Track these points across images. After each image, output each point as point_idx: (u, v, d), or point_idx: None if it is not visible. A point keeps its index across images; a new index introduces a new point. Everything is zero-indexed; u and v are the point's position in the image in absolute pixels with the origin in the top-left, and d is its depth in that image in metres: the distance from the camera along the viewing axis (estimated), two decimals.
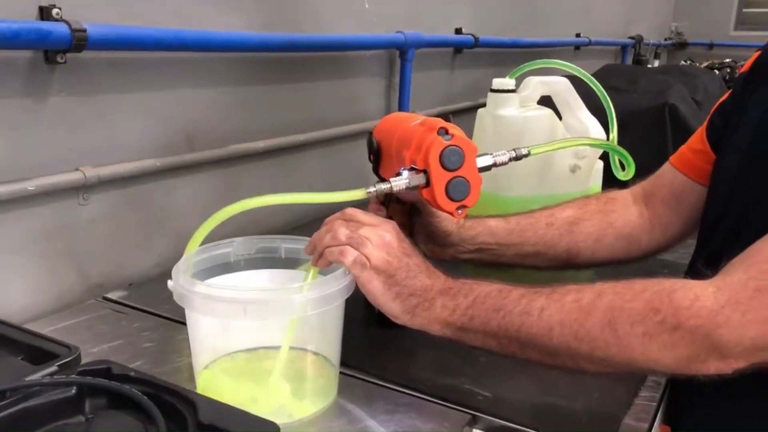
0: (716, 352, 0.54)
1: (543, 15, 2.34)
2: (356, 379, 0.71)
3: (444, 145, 0.66)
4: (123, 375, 0.58)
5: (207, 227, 0.64)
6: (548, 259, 0.86)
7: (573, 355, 0.59)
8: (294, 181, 1.23)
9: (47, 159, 0.83)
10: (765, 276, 0.53)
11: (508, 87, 1.00)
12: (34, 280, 0.85)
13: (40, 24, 0.75)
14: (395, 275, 0.64)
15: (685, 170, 0.83)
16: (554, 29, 2.44)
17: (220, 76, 1.05)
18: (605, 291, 0.59)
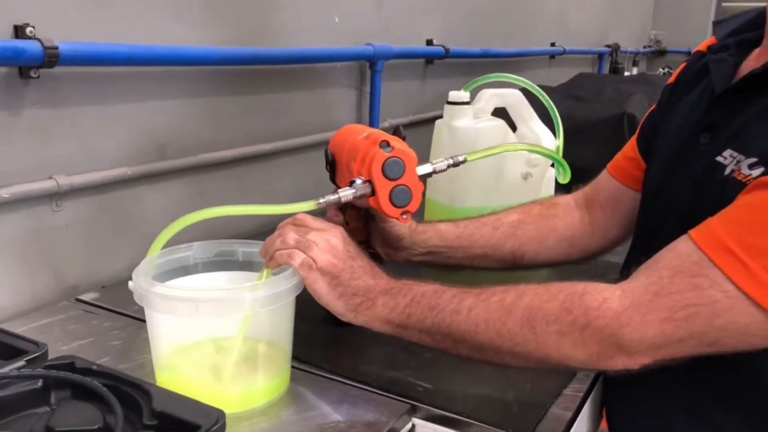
0: (621, 349, 0.60)
1: (517, 25, 2.40)
2: (309, 373, 0.76)
3: (385, 157, 0.71)
4: (86, 369, 0.63)
5: (166, 234, 0.69)
6: (495, 261, 0.91)
7: (497, 350, 0.65)
8: (263, 188, 1.28)
9: (22, 168, 0.88)
10: (664, 282, 0.59)
11: (463, 99, 1.06)
12: (9, 283, 0.90)
13: (14, 42, 0.80)
14: (340, 276, 0.69)
15: (619, 177, 0.89)
16: (529, 39, 2.50)
17: (191, 88, 1.11)
18: (526, 292, 0.64)
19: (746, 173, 0.61)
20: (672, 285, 0.58)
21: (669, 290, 0.58)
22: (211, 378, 0.68)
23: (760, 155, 0.60)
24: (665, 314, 0.58)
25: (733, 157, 0.63)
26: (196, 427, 0.56)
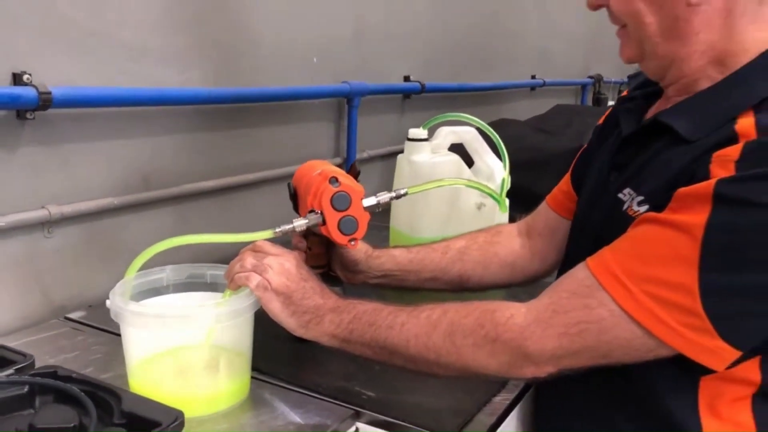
0: (527, 359, 0.69)
1: (498, 59, 2.52)
2: (269, 383, 0.85)
3: (333, 191, 0.82)
4: (67, 376, 0.73)
5: (140, 259, 0.79)
6: (444, 283, 1.01)
7: (426, 361, 0.74)
8: (243, 216, 1.38)
9: (17, 198, 0.98)
10: (562, 302, 0.68)
11: (421, 136, 1.17)
12: (3, 302, 0.99)
13: (12, 89, 0.91)
14: (292, 296, 0.79)
15: (555, 208, 0.99)
16: (510, 72, 2.62)
17: (174, 125, 1.21)
18: (449, 309, 0.74)
19: (636, 209, 0.71)
20: (568, 304, 0.68)
21: (565, 309, 0.67)
22: (178, 383, 0.77)
23: (647, 194, 0.70)
24: (562, 329, 0.67)
25: (630, 194, 0.73)
26: (158, 424, 0.65)
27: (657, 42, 0.74)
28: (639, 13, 0.73)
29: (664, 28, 0.73)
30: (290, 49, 1.44)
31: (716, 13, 0.71)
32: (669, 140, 0.71)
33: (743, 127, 0.63)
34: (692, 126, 0.69)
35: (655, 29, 0.73)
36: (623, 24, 0.77)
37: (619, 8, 0.75)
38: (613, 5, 0.76)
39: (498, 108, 2.55)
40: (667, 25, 0.73)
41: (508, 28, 2.56)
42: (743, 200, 0.60)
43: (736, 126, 0.64)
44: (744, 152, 0.61)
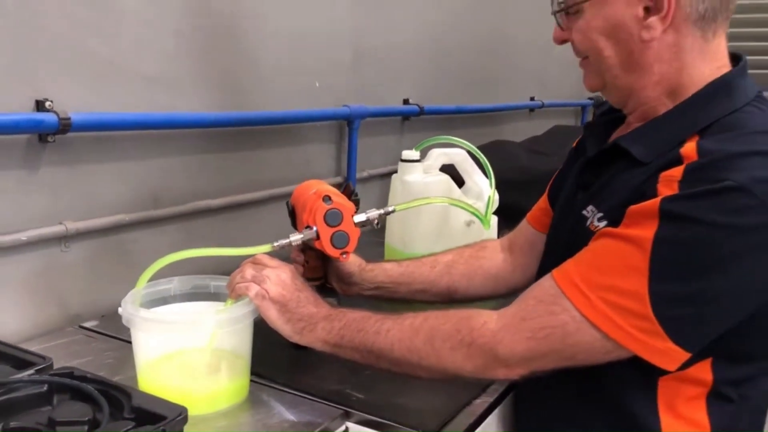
0: (499, 361, 0.76)
1: (496, 82, 2.60)
2: (265, 386, 0.92)
3: (326, 209, 0.89)
4: (82, 376, 0.80)
5: (150, 271, 0.87)
6: (432, 295, 1.08)
7: (409, 364, 0.81)
8: (245, 233, 1.46)
9: (37, 215, 1.06)
10: (529, 309, 0.75)
11: (414, 158, 1.24)
12: (23, 311, 1.07)
13: (35, 115, 1.00)
14: (287, 305, 0.86)
15: (534, 224, 1.06)
16: (509, 94, 2.70)
17: (183, 147, 1.30)
18: (430, 316, 0.81)
19: (596, 225, 0.78)
20: (534, 311, 0.75)
21: (532, 315, 0.74)
22: (183, 382, 0.84)
23: (606, 211, 0.77)
24: (529, 334, 0.74)
25: (592, 211, 0.80)
26: (164, 418, 0.72)
27: (616, 74, 0.82)
28: (599, 47, 0.81)
29: (621, 61, 0.81)
30: (293, 74, 1.53)
31: (667, 48, 0.78)
32: (627, 162, 0.79)
33: (687, 151, 0.71)
34: (646, 150, 0.76)
35: (614, 62, 0.81)
36: (585, 56, 0.85)
37: (581, 43, 0.83)
38: (575, 40, 0.84)
39: (497, 129, 2.63)
40: (624, 59, 0.81)
41: (507, 51, 2.65)
42: (685, 216, 0.67)
43: (681, 150, 0.72)
44: (685, 173, 0.68)
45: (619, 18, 0.79)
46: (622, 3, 0.78)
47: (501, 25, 2.56)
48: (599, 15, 0.80)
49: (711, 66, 0.79)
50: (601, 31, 0.80)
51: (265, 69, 1.45)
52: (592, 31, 0.81)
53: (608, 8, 0.79)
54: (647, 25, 0.77)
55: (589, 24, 0.81)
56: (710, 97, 0.76)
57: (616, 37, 0.80)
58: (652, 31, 0.77)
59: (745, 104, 0.75)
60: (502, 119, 2.70)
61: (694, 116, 0.75)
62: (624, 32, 0.79)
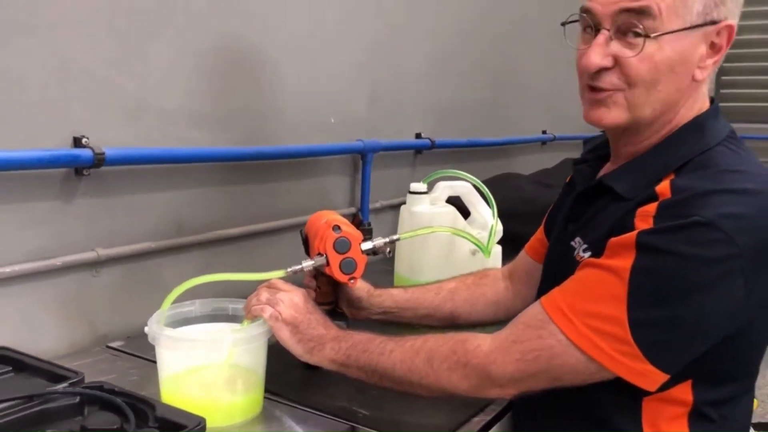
0: (492, 381, 0.82)
1: (508, 116, 2.68)
2: (278, 402, 0.99)
3: (335, 237, 0.97)
4: (111, 390, 0.87)
5: (173, 294, 0.95)
6: (437, 320, 1.15)
7: (410, 383, 0.87)
8: (263, 260, 1.54)
9: (71, 242, 1.15)
10: (520, 333, 0.82)
11: (421, 190, 1.32)
12: (55, 332, 1.15)
13: (72, 151, 1.09)
14: (299, 326, 0.93)
15: (531, 254, 1.13)
16: (521, 127, 2.78)
17: (206, 179, 1.39)
18: (429, 338, 0.88)
19: (582, 255, 0.85)
20: (524, 335, 0.81)
21: (521, 339, 0.81)
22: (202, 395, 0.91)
23: (591, 243, 0.84)
24: (519, 356, 0.80)
25: (579, 243, 0.87)
26: (184, 427, 0.79)
27: (655, 108, 0.82)
28: (658, 80, 0.79)
29: (667, 96, 0.81)
30: (310, 110, 1.62)
31: (697, 89, 0.83)
32: (611, 198, 0.85)
33: (661, 188, 0.78)
34: (628, 186, 0.83)
35: (662, 96, 0.81)
36: (619, 88, 0.81)
37: (642, 72, 0.78)
38: (634, 67, 0.78)
39: (509, 162, 2.70)
40: (670, 95, 0.81)
41: (519, 85, 2.73)
42: (658, 248, 0.73)
43: (657, 187, 0.78)
44: (659, 209, 0.75)
45: (690, 54, 0.79)
46: (698, 39, 0.79)
47: (512, 59, 2.65)
48: (677, 46, 0.78)
49: (697, 108, 0.85)
50: (671, 63, 0.79)
51: (283, 106, 1.55)
52: (664, 63, 0.78)
53: (686, 42, 0.78)
54: (703, 66, 0.81)
55: (664, 54, 0.78)
56: (683, 138, 0.83)
57: (677, 72, 0.79)
58: (704, 72, 0.81)
59: (716, 144, 0.82)
60: (514, 152, 2.77)
61: (669, 156, 0.82)
62: (685, 68, 0.80)
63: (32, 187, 1.08)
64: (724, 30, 0.80)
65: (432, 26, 2.08)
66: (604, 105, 0.83)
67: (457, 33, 2.23)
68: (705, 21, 0.79)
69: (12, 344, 1.00)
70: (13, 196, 1.06)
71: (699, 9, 0.78)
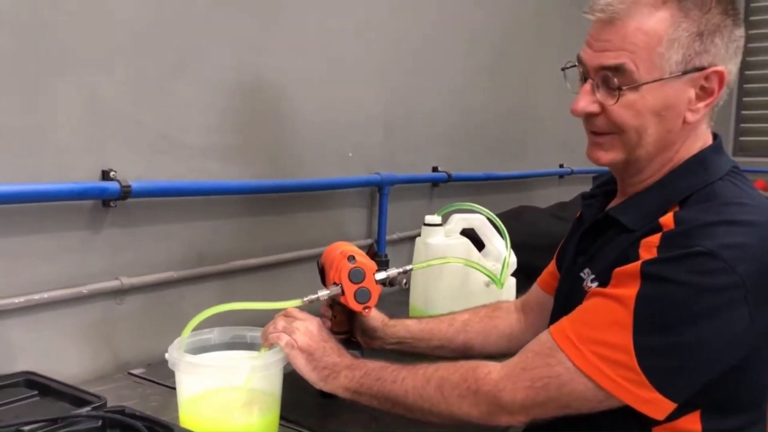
0: (502, 408, 0.84)
1: (524, 149, 2.72)
2: (295, 430, 1.01)
3: (350, 267, 1.00)
4: (132, 414, 0.90)
5: (193, 322, 0.98)
6: (450, 351, 1.16)
7: (421, 410, 0.89)
8: (281, 290, 1.57)
9: (97, 271, 1.19)
10: (529, 360, 0.84)
11: (436, 222, 1.35)
12: (79, 358, 1.19)
13: (100, 183, 1.14)
14: (314, 354, 0.96)
15: (543, 287, 1.14)
16: (538, 161, 2.81)
17: (227, 211, 1.43)
18: (441, 366, 0.90)
19: (590, 285, 0.87)
20: (533, 363, 0.83)
21: (531, 366, 0.83)
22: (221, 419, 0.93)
23: (598, 273, 0.86)
24: (528, 383, 0.82)
25: (588, 274, 0.89)
26: None
27: (649, 150, 0.86)
28: (645, 125, 0.83)
29: (659, 139, 0.85)
30: (328, 144, 1.67)
31: (692, 130, 0.87)
32: (618, 230, 0.88)
33: (665, 220, 0.80)
34: (633, 219, 0.86)
35: (652, 140, 0.85)
36: (611, 132, 0.86)
37: (625, 118, 0.83)
38: (616, 115, 0.83)
39: (526, 195, 2.72)
40: (661, 137, 0.85)
41: (536, 119, 2.76)
42: (662, 277, 0.75)
43: (661, 219, 0.81)
44: (662, 239, 0.77)
45: (675, 99, 0.83)
46: (683, 86, 0.83)
47: (529, 93, 2.69)
48: (659, 94, 0.82)
49: (699, 145, 0.88)
50: (654, 109, 0.83)
51: (302, 140, 1.60)
52: (646, 109, 0.82)
53: (669, 89, 0.82)
54: (694, 109, 0.84)
55: (645, 101, 0.82)
56: (687, 172, 0.85)
57: (664, 116, 0.83)
58: (696, 115, 0.84)
59: (719, 178, 0.84)
60: (531, 185, 2.80)
61: (673, 189, 0.84)
62: (673, 112, 0.83)
63: (62, 217, 1.13)
64: (713, 75, 0.83)
65: (449, 61, 2.14)
66: (602, 147, 0.89)
67: (474, 68, 2.28)
68: (687, 69, 0.82)
69: (38, 369, 1.04)
70: (44, 226, 1.11)
71: (678, 59, 0.82)
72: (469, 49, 2.24)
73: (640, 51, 0.81)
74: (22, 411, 0.95)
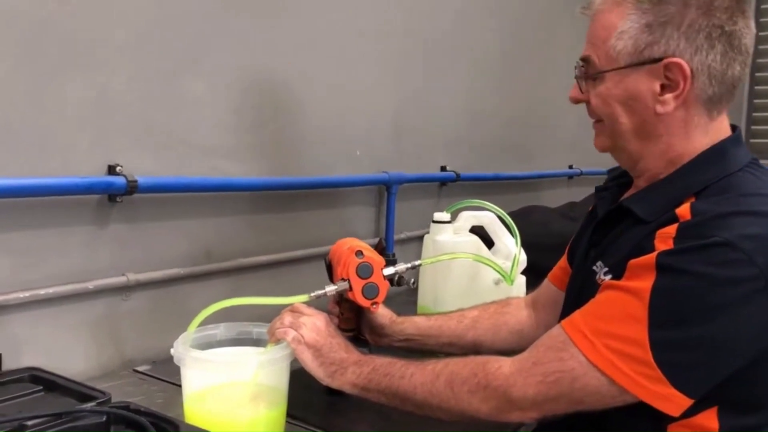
0: (513, 404, 0.82)
1: (533, 150, 2.70)
2: (301, 427, 0.99)
3: (358, 263, 0.98)
4: (136, 409, 0.89)
5: (200, 317, 0.96)
6: (459, 348, 1.14)
7: (430, 406, 0.87)
8: (289, 287, 1.54)
9: (103, 266, 1.18)
10: (541, 355, 0.82)
11: (444, 219, 1.33)
12: (85, 355, 1.18)
13: (107, 178, 1.13)
14: (321, 349, 0.94)
15: (555, 282, 1.13)
16: (546, 162, 2.79)
17: (235, 208, 1.42)
18: (450, 362, 0.88)
19: (602, 278, 0.85)
20: (545, 357, 0.81)
21: (542, 361, 0.81)
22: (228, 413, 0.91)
23: (611, 266, 0.84)
24: (540, 378, 0.80)
25: (600, 267, 0.87)
26: None
27: (628, 139, 0.90)
28: (615, 114, 0.89)
29: (634, 129, 0.88)
30: (336, 143, 1.66)
31: (677, 122, 0.86)
32: (631, 221, 0.86)
33: (681, 211, 0.78)
34: (647, 210, 0.84)
35: (627, 129, 0.89)
36: (600, 119, 0.92)
37: (598, 107, 0.91)
38: (593, 104, 0.91)
39: (535, 196, 2.70)
40: (637, 127, 0.88)
41: (545, 120, 2.74)
42: (678, 269, 0.73)
43: (677, 210, 0.79)
44: (679, 230, 0.75)
45: (637, 90, 0.86)
46: (643, 77, 0.85)
47: (538, 94, 2.67)
48: (620, 85, 0.87)
49: (712, 139, 0.86)
50: (620, 99, 0.87)
51: (311, 138, 1.58)
52: (611, 99, 0.88)
53: (629, 80, 0.86)
54: (662, 101, 0.85)
55: (610, 91, 0.88)
56: (704, 163, 0.84)
57: (632, 106, 0.87)
58: (665, 107, 0.85)
59: (738, 169, 0.82)
60: (541, 186, 2.78)
61: (690, 180, 0.83)
62: (640, 104, 0.86)
63: (68, 212, 1.12)
64: (673, 66, 0.83)
65: (459, 62, 2.12)
66: (597, 134, 0.95)
67: (484, 69, 2.27)
68: (641, 60, 0.85)
69: (43, 365, 1.03)
70: (50, 221, 1.10)
71: (629, 50, 0.86)
72: (479, 50, 2.23)
73: (600, 44, 0.88)
74: (27, 406, 0.94)
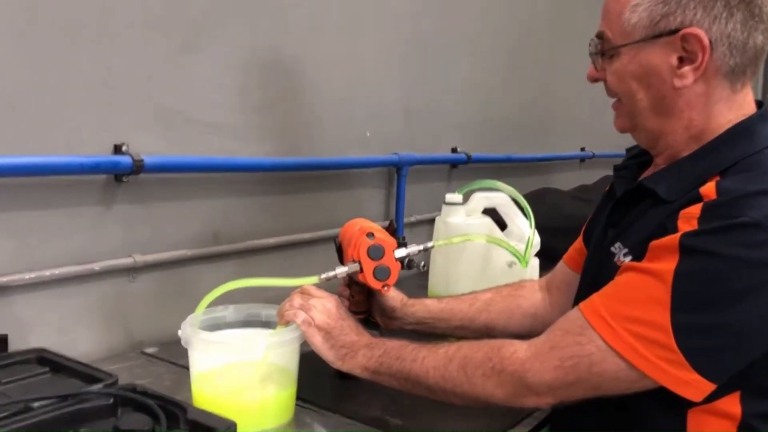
0: (529, 389, 0.80)
1: (545, 132, 2.66)
2: (311, 410, 0.98)
3: (369, 244, 0.96)
4: (143, 392, 0.87)
5: (208, 298, 0.95)
6: (471, 331, 1.12)
7: (443, 390, 0.85)
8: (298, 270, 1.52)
9: (110, 248, 1.16)
10: (558, 339, 0.79)
11: (456, 201, 1.30)
12: (92, 337, 1.17)
13: (112, 157, 1.11)
14: (331, 332, 0.92)
15: (570, 264, 1.10)
16: (559, 144, 2.75)
17: (244, 189, 1.40)
18: (463, 345, 0.86)
19: (622, 260, 0.82)
20: (562, 341, 0.79)
21: (560, 345, 0.78)
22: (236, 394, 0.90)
23: (631, 247, 0.81)
24: (557, 362, 0.78)
25: (619, 248, 0.84)
26: (214, 430, 0.79)
27: (647, 116, 0.86)
28: (632, 91, 0.86)
29: (653, 105, 0.85)
30: (346, 124, 1.63)
31: (697, 97, 0.83)
32: (652, 201, 0.83)
33: (706, 190, 0.75)
34: (670, 189, 0.81)
35: (645, 105, 0.86)
36: (618, 98, 0.89)
37: (614, 85, 0.88)
38: (609, 82, 0.88)
39: (547, 178, 2.67)
40: (655, 103, 0.85)
41: (557, 102, 2.70)
42: (703, 250, 0.70)
43: (701, 189, 0.76)
44: (704, 210, 0.72)
45: (654, 65, 0.83)
46: (659, 50, 0.82)
47: (550, 76, 2.63)
48: (635, 60, 0.84)
49: (736, 114, 0.83)
50: (636, 75, 0.84)
51: (320, 119, 1.56)
52: (627, 75, 0.85)
53: (644, 54, 0.83)
54: (680, 74, 0.82)
55: (625, 68, 0.85)
56: (731, 141, 0.80)
57: (649, 82, 0.84)
58: (684, 80, 0.82)
59: (765, 147, 0.79)
60: (552, 169, 2.74)
61: (715, 158, 0.80)
62: (657, 78, 0.83)
63: (74, 192, 1.10)
64: (691, 37, 0.80)
65: (470, 43, 2.08)
66: (616, 114, 0.92)
67: (495, 50, 2.23)
68: (656, 32, 0.82)
69: (50, 346, 1.01)
70: (55, 201, 1.08)
71: (644, 23, 0.83)
72: (491, 32, 2.19)
73: (613, 18, 0.85)
74: (34, 387, 0.93)
